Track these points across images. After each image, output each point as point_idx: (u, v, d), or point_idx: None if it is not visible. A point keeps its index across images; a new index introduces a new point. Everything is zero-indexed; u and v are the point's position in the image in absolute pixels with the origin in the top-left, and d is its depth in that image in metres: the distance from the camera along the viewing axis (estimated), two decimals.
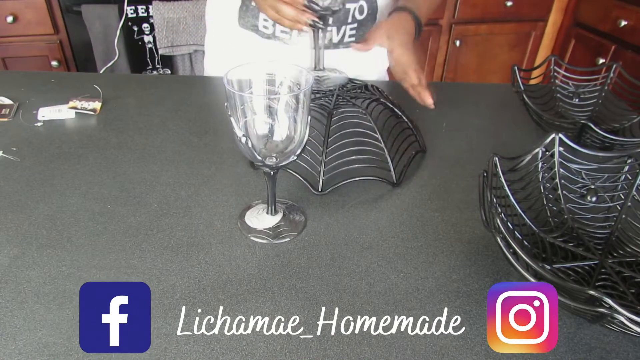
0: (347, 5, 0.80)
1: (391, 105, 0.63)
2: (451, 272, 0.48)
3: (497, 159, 0.49)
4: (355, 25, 0.83)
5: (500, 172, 0.49)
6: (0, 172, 0.60)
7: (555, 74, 0.79)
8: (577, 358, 0.40)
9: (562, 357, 0.40)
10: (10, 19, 1.65)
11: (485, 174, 0.47)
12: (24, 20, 1.67)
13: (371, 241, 0.51)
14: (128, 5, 1.65)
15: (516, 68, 0.74)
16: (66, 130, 0.71)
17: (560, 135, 0.51)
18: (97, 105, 0.76)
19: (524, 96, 0.70)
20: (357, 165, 0.59)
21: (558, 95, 0.78)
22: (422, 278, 0.47)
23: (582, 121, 0.65)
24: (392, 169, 0.60)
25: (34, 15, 1.67)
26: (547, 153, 0.52)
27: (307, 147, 0.56)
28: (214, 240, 0.51)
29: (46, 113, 0.74)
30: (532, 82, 0.79)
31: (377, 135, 0.59)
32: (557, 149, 0.52)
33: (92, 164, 0.63)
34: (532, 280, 0.37)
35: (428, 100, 0.65)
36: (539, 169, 0.52)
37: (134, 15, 1.68)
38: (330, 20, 0.66)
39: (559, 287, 0.36)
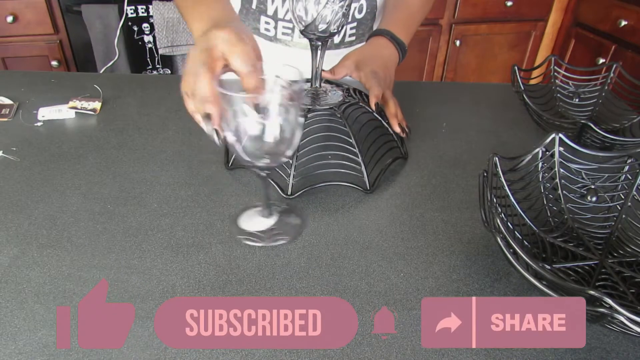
0: None
1: (371, 110, 0.62)
2: (451, 272, 0.48)
3: (497, 158, 0.49)
4: (355, 24, 0.83)
5: (500, 172, 0.49)
6: (0, 172, 0.60)
7: (555, 74, 0.79)
8: (577, 358, 0.40)
9: (562, 357, 0.40)
10: (10, 19, 1.65)
11: (485, 174, 0.47)
12: (24, 20, 1.67)
13: (371, 241, 0.51)
14: (128, 5, 1.65)
15: (516, 68, 0.74)
16: (66, 130, 0.71)
17: (560, 135, 0.51)
18: (97, 105, 0.76)
19: (524, 96, 0.70)
20: (330, 170, 0.58)
21: (558, 95, 0.78)
22: (422, 278, 0.47)
23: (582, 121, 0.65)
24: (365, 175, 0.58)
25: (34, 15, 1.67)
26: (547, 153, 0.52)
27: None
28: (214, 240, 0.51)
29: (46, 113, 0.74)
30: (532, 82, 0.79)
31: (351, 140, 0.58)
32: (557, 148, 0.52)
33: (92, 164, 0.63)
34: (533, 280, 0.37)
35: (402, 133, 0.63)
36: (539, 169, 0.52)
37: (134, 15, 1.68)
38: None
39: (559, 287, 0.36)
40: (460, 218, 0.55)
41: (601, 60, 1.82)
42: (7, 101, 0.77)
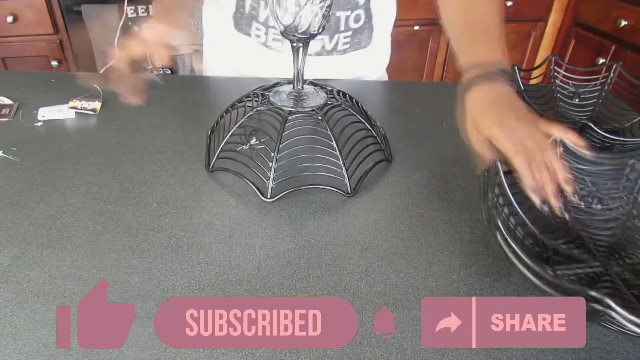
0: (338, 14, 0.79)
1: (353, 112, 0.61)
2: (451, 272, 0.48)
3: (499, 162, 0.48)
4: (349, 33, 0.83)
5: (501, 173, 0.49)
6: (0, 172, 0.60)
7: (555, 74, 0.79)
8: (577, 358, 0.40)
9: (562, 357, 0.40)
10: (10, 19, 1.65)
11: (486, 174, 0.47)
12: (24, 20, 1.67)
13: (371, 241, 0.51)
14: (128, 5, 1.65)
15: (516, 68, 0.74)
16: (66, 130, 0.71)
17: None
18: (97, 105, 0.76)
19: (524, 96, 0.70)
20: (312, 173, 0.58)
21: (558, 95, 0.78)
22: (422, 278, 0.47)
23: (582, 121, 0.65)
24: (346, 178, 0.57)
25: (34, 15, 1.67)
26: None
27: (259, 153, 0.57)
28: (214, 240, 0.51)
29: (46, 113, 0.74)
30: (532, 82, 0.78)
31: (332, 143, 0.57)
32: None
33: (92, 164, 0.63)
34: (534, 279, 0.37)
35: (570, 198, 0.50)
36: None
37: (134, 15, 1.68)
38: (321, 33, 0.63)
39: (561, 288, 0.36)
40: (460, 218, 0.55)
41: (601, 60, 1.82)
42: (7, 101, 0.77)
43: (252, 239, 0.51)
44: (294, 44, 0.56)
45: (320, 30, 0.55)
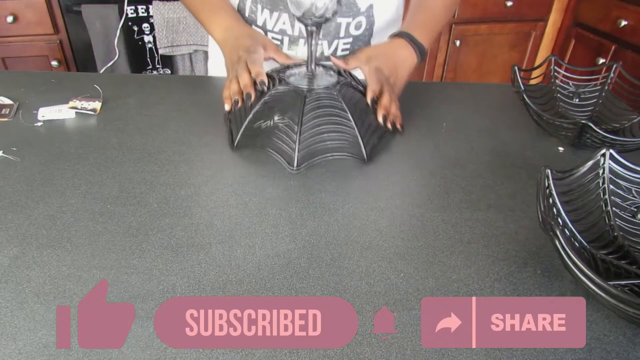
0: (339, 20, 0.79)
1: (361, 89, 0.67)
2: (451, 272, 0.48)
3: (549, 171, 0.48)
4: (350, 39, 0.83)
5: (552, 187, 0.48)
6: (0, 172, 0.60)
7: (556, 74, 0.79)
8: (577, 358, 0.40)
9: (562, 357, 0.40)
10: (10, 19, 1.65)
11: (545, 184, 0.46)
12: (24, 20, 1.67)
13: (371, 241, 0.51)
14: (128, 5, 1.65)
15: (516, 68, 0.74)
16: (66, 130, 0.71)
17: (611, 151, 0.51)
18: (97, 105, 0.76)
19: (524, 96, 0.70)
20: (330, 144, 0.63)
21: (558, 95, 0.78)
22: (422, 278, 0.47)
23: (582, 121, 0.65)
24: (361, 145, 0.63)
25: (34, 15, 1.67)
26: (598, 168, 0.51)
27: (281, 132, 0.63)
28: (214, 240, 0.51)
29: (46, 113, 0.74)
30: (532, 82, 0.78)
31: (347, 115, 0.62)
32: (607, 164, 0.51)
33: (92, 164, 0.63)
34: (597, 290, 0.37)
35: (396, 126, 0.66)
36: (599, 186, 0.51)
37: (134, 15, 1.68)
38: (321, 34, 0.67)
39: (619, 299, 0.36)
40: (460, 218, 0.55)
41: (601, 60, 1.82)
42: (7, 101, 0.77)
43: (252, 239, 0.51)
44: (309, 28, 0.61)
45: (333, 16, 0.59)
